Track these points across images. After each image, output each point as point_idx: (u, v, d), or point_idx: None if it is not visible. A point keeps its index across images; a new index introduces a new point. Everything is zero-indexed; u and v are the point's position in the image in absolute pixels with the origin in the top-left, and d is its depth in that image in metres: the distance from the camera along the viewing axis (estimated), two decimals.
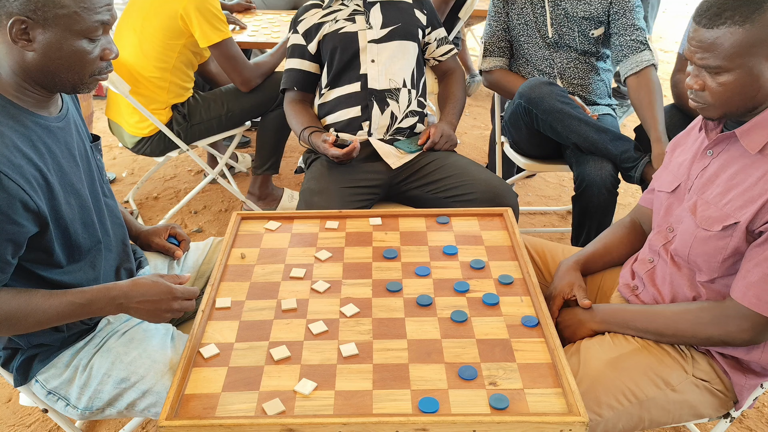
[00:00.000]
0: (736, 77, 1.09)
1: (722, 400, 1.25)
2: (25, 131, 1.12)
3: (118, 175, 3.31)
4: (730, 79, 1.10)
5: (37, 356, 1.25)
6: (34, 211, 1.09)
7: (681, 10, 6.47)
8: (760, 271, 1.10)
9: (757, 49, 1.07)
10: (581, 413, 1.01)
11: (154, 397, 1.22)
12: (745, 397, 1.25)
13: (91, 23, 1.10)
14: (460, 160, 1.92)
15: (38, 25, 1.06)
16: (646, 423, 1.22)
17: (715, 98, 1.13)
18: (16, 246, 1.09)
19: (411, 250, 1.46)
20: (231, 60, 2.37)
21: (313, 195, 1.83)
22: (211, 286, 1.32)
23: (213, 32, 2.28)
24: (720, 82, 1.11)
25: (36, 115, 1.15)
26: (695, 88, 1.15)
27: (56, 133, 1.19)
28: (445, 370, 1.12)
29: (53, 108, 1.21)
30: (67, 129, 1.22)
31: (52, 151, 1.16)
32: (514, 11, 2.21)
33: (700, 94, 1.16)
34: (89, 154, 1.30)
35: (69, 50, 1.10)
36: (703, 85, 1.14)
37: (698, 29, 1.10)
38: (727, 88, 1.11)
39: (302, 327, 1.23)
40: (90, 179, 1.28)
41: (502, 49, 2.27)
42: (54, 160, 1.16)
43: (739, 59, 1.07)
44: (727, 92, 1.11)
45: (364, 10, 2.00)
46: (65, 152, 1.20)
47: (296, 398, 1.07)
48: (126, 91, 2.21)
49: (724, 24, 1.06)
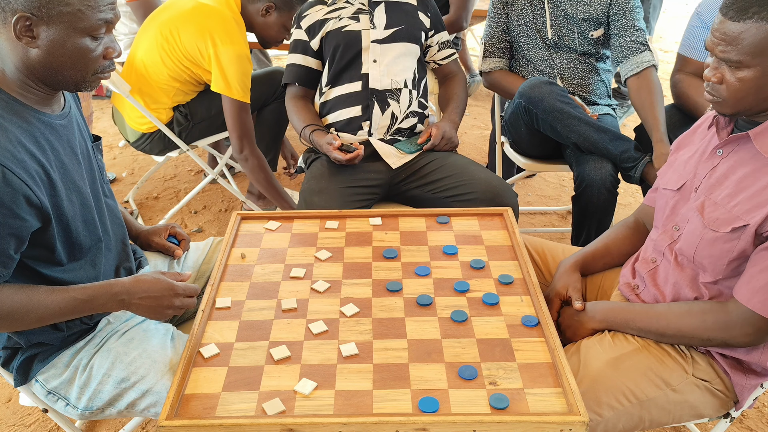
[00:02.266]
0: (755, 74, 1.08)
1: (723, 401, 1.25)
2: (28, 127, 1.12)
3: (118, 174, 3.31)
4: (749, 75, 1.08)
5: (37, 356, 1.25)
6: (37, 206, 1.10)
7: (681, 10, 6.47)
8: (766, 277, 1.10)
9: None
10: (581, 413, 1.01)
11: (154, 397, 1.22)
12: (746, 397, 1.25)
13: (94, 21, 1.10)
14: (460, 160, 1.92)
15: (42, 22, 1.07)
16: (646, 423, 1.22)
17: (731, 93, 1.12)
18: (19, 241, 1.09)
19: (411, 249, 1.46)
20: (233, 121, 2.26)
21: (313, 195, 1.83)
22: (211, 286, 1.32)
23: (234, 89, 2.20)
24: (739, 77, 1.09)
25: (39, 112, 1.16)
26: (713, 81, 1.13)
27: (59, 130, 1.19)
28: (445, 370, 1.12)
29: (56, 106, 1.21)
30: (69, 127, 1.23)
31: (54, 148, 1.16)
32: (513, 12, 2.21)
33: (716, 88, 1.14)
34: (90, 153, 1.30)
35: (72, 48, 1.10)
36: (721, 79, 1.12)
37: (724, 21, 1.08)
38: (745, 84, 1.09)
39: (302, 327, 1.23)
40: (91, 178, 1.28)
41: (502, 50, 2.27)
42: (56, 157, 1.16)
43: (761, 57, 1.06)
44: (745, 88, 1.10)
45: (369, 9, 2.00)
46: (67, 149, 1.20)
47: (296, 398, 1.07)
48: (126, 91, 2.21)
49: (751, 18, 1.04)
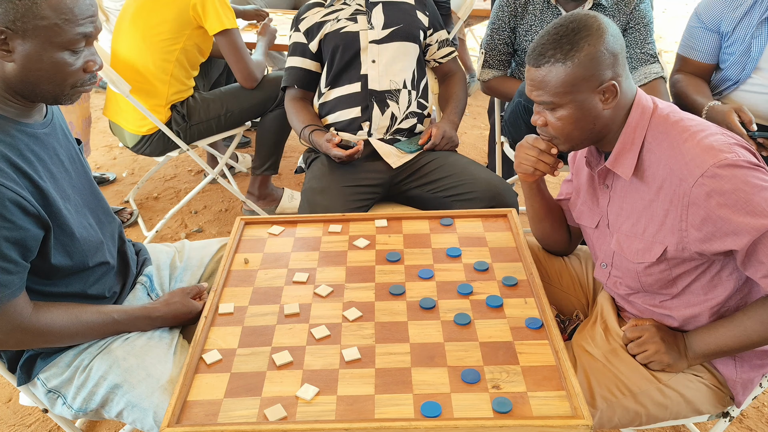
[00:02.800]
0: (570, 111, 1.17)
1: (718, 395, 1.26)
2: (11, 141, 1.10)
3: (119, 175, 3.30)
4: (565, 113, 1.18)
5: (40, 354, 1.26)
6: (35, 215, 1.09)
7: (681, 10, 6.46)
8: None
9: (581, 84, 1.14)
10: (585, 416, 1.00)
11: (139, 412, 1.19)
12: (741, 394, 1.25)
13: (72, 35, 1.08)
14: (461, 160, 1.92)
15: (18, 35, 1.05)
16: (643, 418, 1.22)
17: (557, 132, 1.21)
18: (24, 248, 1.09)
19: (414, 252, 1.45)
20: (237, 51, 2.38)
21: (315, 194, 1.83)
22: (214, 291, 1.32)
23: (225, 19, 2.31)
24: (558, 117, 1.19)
25: (21, 123, 1.14)
26: (539, 124, 1.24)
27: (43, 139, 1.18)
28: (447, 374, 1.11)
29: (38, 115, 1.19)
30: (53, 135, 1.21)
31: (41, 159, 1.15)
32: (522, 27, 2.16)
33: (544, 130, 1.24)
34: (79, 153, 1.29)
35: (49, 62, 1.08)
36: (545, 122, 1.22)
37: (529, 69, 1.19)
38: (565, 122, 1.18)
39: (305, 332, 1.22)
40: (86, 180, 1.28)
41: (502, 63, 2.24)
42: (44, 167, 1.15)
43: (567, 95, 1.15)
44: (567, 126, 1.19)
45: (366, 10, 1.99)
46: (54, 158, 1.19)
47: (298, 404, 1.06)
48: (126, 90, 2.20)
49: (548, 63, 1.14)
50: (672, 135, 1.16)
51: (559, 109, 1.18)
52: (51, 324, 1.17)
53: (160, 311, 1.31)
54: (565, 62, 1.13)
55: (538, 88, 1.18)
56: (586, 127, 1.19)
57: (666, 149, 1.16)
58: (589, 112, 1.17)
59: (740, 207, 1.06)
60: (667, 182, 1.15)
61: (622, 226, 1.26)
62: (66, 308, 1.20)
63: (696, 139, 1.12)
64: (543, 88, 1.17)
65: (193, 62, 2.44)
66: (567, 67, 1.13)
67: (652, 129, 1.19)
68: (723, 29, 1.95)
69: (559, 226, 1.48)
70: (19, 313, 1.12)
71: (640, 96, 1.21)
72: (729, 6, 1.93)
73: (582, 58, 1.12)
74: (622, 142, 1.21)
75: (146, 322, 1.30)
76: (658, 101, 1.23)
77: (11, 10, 1.03)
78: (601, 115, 1.18)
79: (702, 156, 1.09)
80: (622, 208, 1.26)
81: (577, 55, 1.12)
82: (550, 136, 1.24)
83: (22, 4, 1.03)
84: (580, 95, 1.15)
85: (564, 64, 1.13)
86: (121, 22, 2.41)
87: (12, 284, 1.09)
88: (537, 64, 1.16)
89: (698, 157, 1.10)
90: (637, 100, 1.20)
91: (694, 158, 1.10)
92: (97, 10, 1.13)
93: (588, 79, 1.14)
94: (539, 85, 1.17)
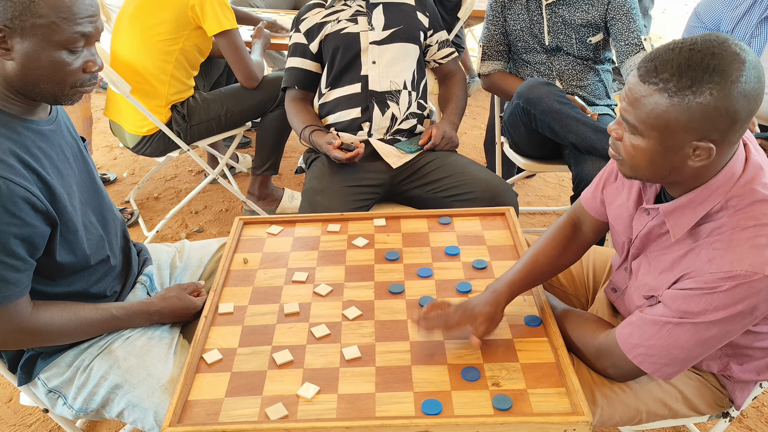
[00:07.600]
0: (648, 146, 0.98)
1: (717, 395, 1.25)
2: (18, 138, 1.11)
3: (119, 175, 3.31)
4: (642, 144, 0.98)
5: (40, 354, 1.26)
6: (43, 211, 1.10)
7: (681, 10, 6.46)
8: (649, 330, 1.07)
9: (676, 128, 0.93)
10: (585, 413, 1.01)
11: (140, 412, 1.20)
12: (739, 396, 1.25)
13: (70, 34, 1.08)
14: (460, 160, 1.92)
15: (16, 34, 1.05)
16: (643, 415, 1.22)
17: (627, 156, 1.03)
18: (32, 246, 1.10)
19: (413, 251, 1.46)
20: (237, 51, 2.39)
21: (315, 194, 1.83)
22: (213, 291, 1.33)
23: (224, 20, 2.31)
24: (633, 143, 1.00)
25: (27, 120, 1.14)
26: (613, 137, 1.05)
27: (49, 136, 1.18)
28: (447, 372, 1.12)
29: (42, 112, 1.19)
30: (59, 131, 1.22)
31: (48, 155, 1.15)
32: (510, 16, 2.20)
33: (616, 144, 1.05)
34: (83, 150, 1.30)
35: (47, 61, 1.08)
36: (620, 137, 1.03)
37: (635, 76, 0.97)
38: (639, 153, 0.99)
39: (305, 331, 1.23)
40: (90, 178, 1.28)
41: (500, 53, 2.27)
42: (51, 164, 1.15)
43: (655, 130, 0.95)
44: (639, 157, 1.00)
45: (367, 11, 2.00)
46: (60, 155, 1.19)
47: (299, 402, 1.07)
48: (127, 91, 2.21)
49: (655, 85, 0.93)
50: (738, 217, 0.99)
51: (639, 137, 0.98)
52: (50, 323, 1.17)
53: (157, 306, 1.32)
54: (672, 97, 0.92)
55: (630, 103, 0.97)
56: (659, 170, 1.00)
57: (726, 230, 1.00)
58: (670, 157, 0.97)
59: (715, 300, 0.97)
60: (701, 249, 1.02)
61: (651, 254, 1.14)
62: (64, 306, 1.20)
63: (755, 234, 0.97)
64: (634, 106, 0.96)
65: (193, 62, 2.44)
66: (672, 103, 0.92)
67: (729, 196, 1.00)
68: (723, 29, 1.95)
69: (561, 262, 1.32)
70: (20, 312, 1.12)
71: (735, 158, 1.00)
72: (729, 5, 1.93)
73: (694, 104, 0.91)
74: (690, 199, 1.02)
75: (144, 317, 1.31)
76: (753, 154, 1.02)
77: (9, 7, 1.03)
78: (683, 167, 0.98)
79: (748, 255, 0.96)
80: (653, 241, 1.13)
81: (691, 97, 0.91)
82: (618, 154, 1.05)
83: (20, 2, 1.04)
84: (669, 138, 0.95)
85: (671, 98, 0.92)
86: (119, 22, 2.41)
87: (20, 282, 1.10)
88: (644, 79, 0.94)
89: (743, 255, 0.96)
90: (731, 163, 1.00)
91: (736, 252, 0.97)
92: (97, 10, 1.13)
93: (687, 130, 0.93)
94: (633, 102, 0.96)
